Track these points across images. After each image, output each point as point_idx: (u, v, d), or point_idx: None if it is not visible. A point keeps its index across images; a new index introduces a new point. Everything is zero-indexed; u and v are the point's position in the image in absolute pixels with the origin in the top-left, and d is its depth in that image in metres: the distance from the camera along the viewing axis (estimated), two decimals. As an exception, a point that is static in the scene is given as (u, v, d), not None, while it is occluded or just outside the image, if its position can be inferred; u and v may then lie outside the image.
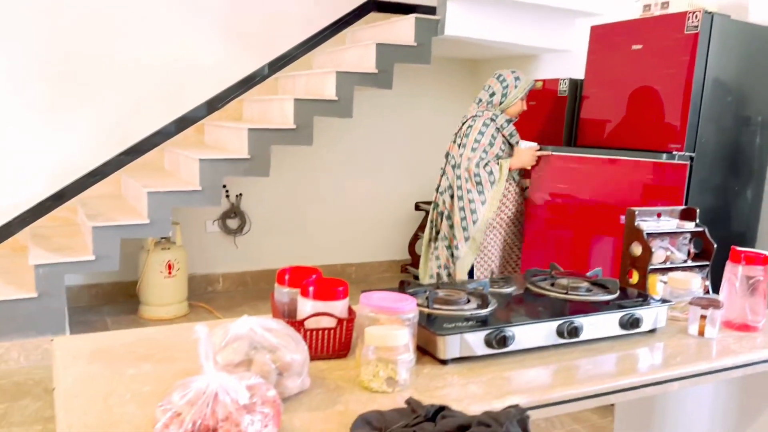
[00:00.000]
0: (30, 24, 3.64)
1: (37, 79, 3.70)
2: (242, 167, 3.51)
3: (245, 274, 4.53)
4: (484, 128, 3.10)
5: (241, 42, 4.23)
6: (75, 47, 3.77)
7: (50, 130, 3.77)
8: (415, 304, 1.24)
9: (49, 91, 3.75)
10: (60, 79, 3.76)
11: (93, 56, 3.82)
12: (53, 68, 3.74)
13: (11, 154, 3.69)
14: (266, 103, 3.96)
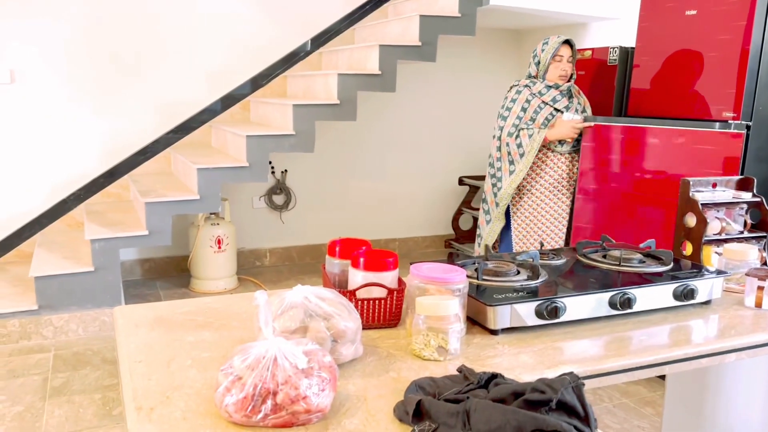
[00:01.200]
0: (82, 6, 3.72)
1: (90, 60, 3.80)
2: (287, 143, 3.54)
3: (291, 249, 4.60)
4: (516, 95, 3.12)
5: (284, 18, 4.24)
6: (124, 28, 3.85)
7: (102, 110, 3.88)
8: (464, 275, 1.24)
9: (101, 72, 3.84)
10: (111, 60, 3.85)
11: (141, 37, 3.89)
12: (104, 50, 3.83)
13: (66, 133, 3.81)
14: (310, 78, 3.98)
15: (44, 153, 3.78)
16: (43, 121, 3.76)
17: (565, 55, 3.02)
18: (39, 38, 3.67)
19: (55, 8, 3.67)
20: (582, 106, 3.15)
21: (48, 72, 3.72)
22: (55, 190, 3.83)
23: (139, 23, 3.88)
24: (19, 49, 3.63)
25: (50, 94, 3.74)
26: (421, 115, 4.78)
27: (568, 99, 3.10)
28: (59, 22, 3.70)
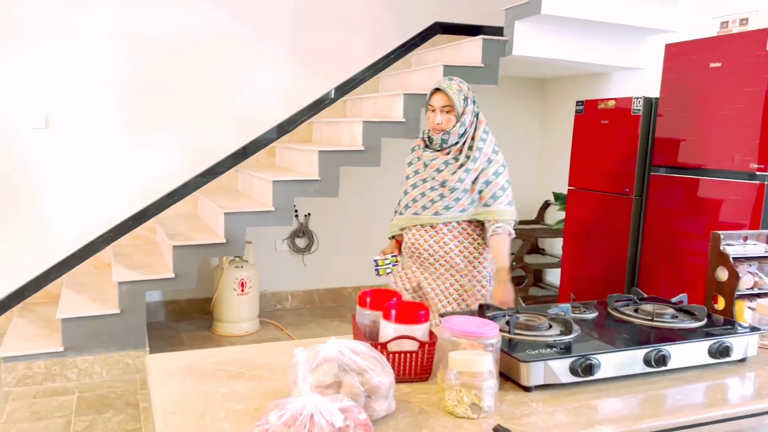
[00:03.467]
0: (114, 53, 3.86)
1: (121, 105, 3.91)
2: (313, 188, 3.59)
3: (313, 292, 4.60)
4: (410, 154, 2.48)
5: (310, 66, 4.35)
6: (155, 75, 3.97)
7: (132, 154, 3.97)
8: (497, 329, 1.24)
9: (132, 117, 3.95)
10: (142, 106, 3.96)
11: (171, 83, 4.01)
12: (135, 95, 3.94)
13: (96, 176, 3.90)
14: (335, 125, 4.05)
15: (75, 195, 3.87)
16: (74, 165, 3.85)
17: (437, 104, 2.26)
18: (73, 85, 3.79)
19: (88, 56, 3.81)
20: (458, 163, 2.28)
21: (81, 117, 3.83)
22: (84, 231, 3.90)
23: (170, 70, 4.00)
24: (54, 95, 3.76)
25: (82, 138, 3.85)
26: (444, 160, 4.82)
27: (446, 154, 2.30)
28: (92, 69, 3.83)
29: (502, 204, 2.27)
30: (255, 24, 4.16)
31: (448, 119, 2.27)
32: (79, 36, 3.76)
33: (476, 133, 2.30)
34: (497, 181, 2.28)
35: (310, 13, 4.30)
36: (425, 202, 2.31)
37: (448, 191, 2.26)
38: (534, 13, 3.51)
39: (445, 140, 2.28)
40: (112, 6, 3.81)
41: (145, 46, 3.92)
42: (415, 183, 2.36)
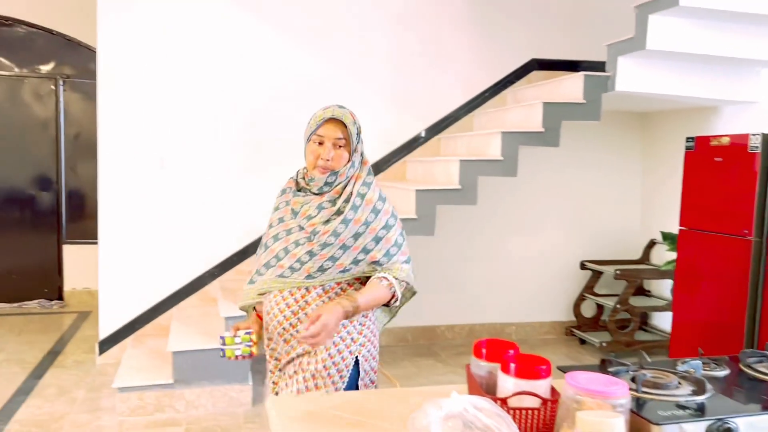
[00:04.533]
0: (228, 97, 4.08)
1: (231, 146, 4.12)
2: (410, 226, 3.61)
3: (406, 329, 4.60)
4: (280, 195, 1.97)
5: (405, 107, 4.41)
6: (264, 118, 4.15)
7: (239, 193, 4.15)
8: (627, 389, 1.18)
9: (240, 158, 4.14)
10: (250, 147, 4.15)
11: (278, 126, 4.18)
12: (245, 137, 4.14)
13: (205, 214, 4.10)
14: (429, 164, 4.08)
15: (185, 232, 4.08)
16: (185, 203, 4.07)
17: (329, 136, 1.78)
18: (186, 128, 4.03)
19: (202, 99, 4.04)
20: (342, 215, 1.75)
21: (193, 158, 4.05)
22: (193, 266, 4.09)
23: (276, 114, 4.17)
24: (169, 137, 4.00)
25: (193, 178, 4.07)
26: (541, 197, 4.73)
27: (330, 202, 1.78)
28: (203, 111, 4.06)
29: (398, 262, 1.80)
30: (355, 68, 4.29)
31: (340, 156, 1.78)
32: (194, 80, 4.01)
33: (359, 173, 1.82)
34: (389, 237, 1.78)
35: (407, 55, 4.39)
36: (291, 261, 1.74)
37: (318, 247, 1.72)
38: (638, 48, 3.42)
39: (330, 183, 1.78)
40: (224, 53, 4.04)
41: (255, 90, 4.12)
42: (277, 234, 1.82)
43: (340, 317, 1.65)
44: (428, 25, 4.40)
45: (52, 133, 5.35)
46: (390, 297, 1.80)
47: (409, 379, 3.87)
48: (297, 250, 1.76)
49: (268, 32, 4.11)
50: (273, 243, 1.82)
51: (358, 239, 1.75)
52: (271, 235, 1.84)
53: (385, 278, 1.77)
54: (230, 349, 1.82)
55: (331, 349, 1.76)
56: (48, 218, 5.37)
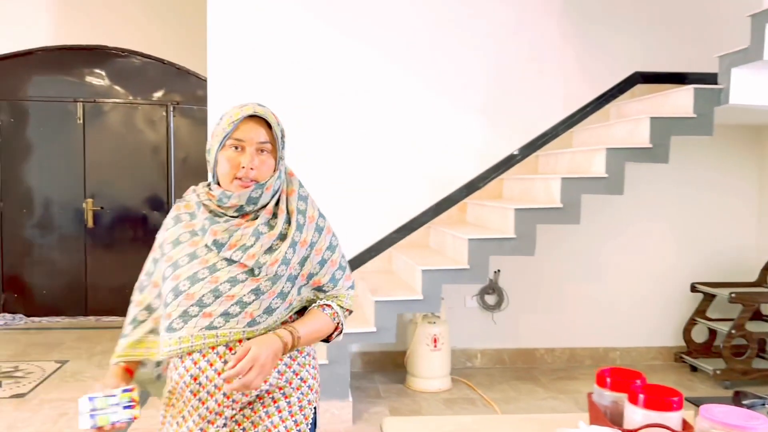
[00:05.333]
0: (326, 114, 4.20)
1: (327, 167, 4.22)
2: (508, 246, 3.55)
3: (503, 351, 4.50)
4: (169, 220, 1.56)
5: (501, 123, 4.37)
6: (358, 136, 4.24)
7: (338, 211, 4.22)
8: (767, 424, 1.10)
9: (334, 176, 4.24)
10: (343, 165, 4.24)
11: (372, 145, 4.25)
12: (339, 155, 4.23)
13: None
14: (528, 181, 4.00)
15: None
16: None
17: (250, 139, 1.43)
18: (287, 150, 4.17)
19: (299, 122, 4.18)
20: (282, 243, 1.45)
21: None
22: (292, 283, 4.21)
23: (370, 132, 4.25)
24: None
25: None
26: (647, 215, 4.52)
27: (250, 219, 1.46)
28: (304, 134, 4.19)
29: (343, 288, 1.55)
30: (450, 85, 4.30)
31: (264, 163, 1.44)
32: (294, 105, 4.16)
33: (291, 187, 1.52)
34: (334, 259, 1.54)
35: (503, 71, 4.35)
36: (226, 306, 1.37)
37: (268, 282, 1.39)
38: (755, 59, 3.22)
39: (255, 199, 1.43)
40: (324, 76, 4.17)
41: (349, 109, 4.22)
42: (194, 275, 1.39)
43: (277, 351, 1.34)
44: (525, 40, 4.35)
45: (163, 157, 5.69)
46: (333, 329, 1.51)
47: (507, 403, 3.78)
48: (235, 290, 1.37)
49: (365, 53, 4.21)
50: (189, 286, 1.38)
51: (305, 265, 1.46)
52: (183, 277, 1.39)
53: (328, 306, 1.49)
54: (103, 416, 1.35)
55: (281, 402, 1.42)
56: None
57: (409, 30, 4.25)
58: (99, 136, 5.60)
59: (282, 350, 1.36)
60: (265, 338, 1.35)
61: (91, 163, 5.58)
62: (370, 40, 4.21)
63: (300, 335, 1.40)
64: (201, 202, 1.49)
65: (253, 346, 1.31)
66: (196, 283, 1.39)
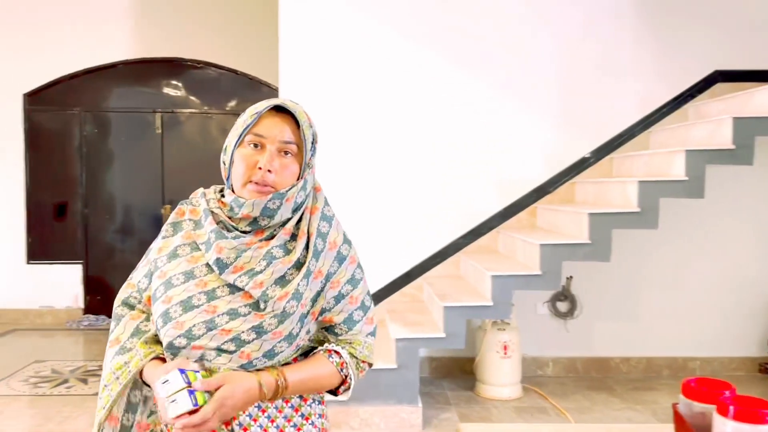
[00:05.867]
0: (399, 123, 4.22)
1: (397, 172, 4.24)
2: (582, 252, 3.46)
3: (576, 360, 4.38)
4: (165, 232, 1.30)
5: (573, 125, 4.27)
6: (427, 140, 4.24)
7: (405, 217, 4.26)
8: None
9: (406, 183, 4.25)
10: (414, 170, 4.25)
11: (441, 149, 4.24)
12: (409, 160, 4.24)
13: (374, 238, 4.25)
14: (602, 185, 3.89)
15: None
16: (352, 228, 4.24)
17: (273, 137, 1.20)
18: (358, 159, 4.22)
19: (370, 129, 4.22)
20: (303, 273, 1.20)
21: (361, 188, 4.23)
22: (361, 288, 4.24)
23: (439, 136, 4.24)
24: (342, 169, 4.22)
25: (361, 207, 4.24)
26: (731, 220, 4.31)
27: (263, 239, 1.21)
28: (375, 141, 4.22)
29: (361, 334, 1.29)
30: (518, 87, 4.25)
31: (286, 168, 1.20)
32: (365, 112, 4.21)
33: (315, 204, 1.26)
34: (355, 295, 1.27)
35: (575, 72, 4.26)
36: (220, 341, 1.13)
37: (274, 320, 1.14)
38: None
39: (272, 211, 1.18)
40: (394, 84, 4.20)
41: (418, 115, 4.23)
42: (188, 301, 1.15)
43: (250, 398, 1.12)
44: (599, 41, 4.25)
45: (236, 163, 5.87)
46: (339, 382, 1.26)
47: (582, 413, 3.68)
48: (233, 324, 1.13)
49: (434, 59, 4.21)
50: (181, 313, 1.14)
51: (317, 300, 1.21)
52: (176, 301, 1.15)
53: (337, 353, 1.24)
54: (200, 393, 1.09)
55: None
56: (232, 241, 5.88)
57: (478, 33, 4.22)
58: (176, 144, 5.84)
59: (256, 398, 1.13)
60: (241, 378, 1.11)
61: (168, 170, 5.82)
62: (439, 47, 4.20)
63: (288, 384, 1.15)
64: (210, 210, 1.22)
65: (227, 385, 1.09)
66: (189, 311, 1.14)
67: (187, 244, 1.22)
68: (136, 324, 1.26)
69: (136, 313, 1.28)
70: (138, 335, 1.24)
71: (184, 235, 1.24)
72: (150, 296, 1.24)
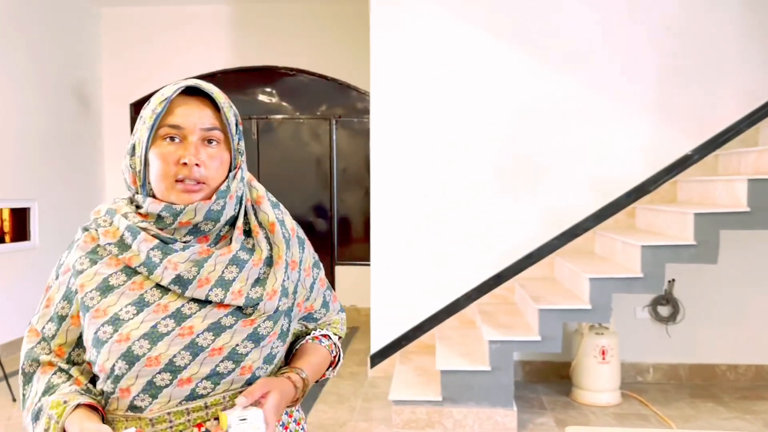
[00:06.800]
0: (486, 121, 4.20)
1: (488, 171, 4.21)
2: (687, 254, 3.31)
3: (678, 366, 4.19)
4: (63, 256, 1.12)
5: (673, 121, 4.09)
6: (519, 141, 4.19)
7: (496, 217, 4.22)
8: None
9: (497, 182, 4.22)
10: (506, 171, 4.20)
11: (533, 149, 4.18)
12: (501, 162, 4.21)
13: (463, 239, 4.24)
14: (708, 183, 3.71)
15: (443, 256, 4.25)
16: (444, 229, 4.25)
17: (192, 125, 1.02)
18: (445, 157, 4.23)
19: (457, 129, 4.21)
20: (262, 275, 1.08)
21: (451, 186, 4.23)
22: (452, 289, 4.24)
23: (531, 136, 4.18)
24: (430, 168, 4.24)
25: (452, 205, 4.23)
26: None
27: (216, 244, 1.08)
28: (461, 140, 4.21)
29: (334, 312, 1.27)
30: (614, 84, 4.12)
31: (214, 158, 1.04)
32: (453, 112, 4.21)
33: (257, 193, 1.13)
34: (322, 277, 1.23)
35: (676, 67, 4.09)
36: (210, 366, 0.99)
37: (269, 322, 1.05)
38: None
39: (218, 213, 1.04)
40: (482, 84, 4.18)
41: (508, 115, 4.19)
42: (153, 331, 0.98)
43: (289, 400, 1.04)
44: (702, 34, 4.05)
45: (326, 167, 6.02)
46: (330, 363, 1.21)
47: (685, 421, 3.51)
48: (223, 341, 1.00)
49: (527, 59, 4.15)
50: (150, 347, 0.97)
51: (298, 291, 1.13)
52: (137, 336, 0.97)
53: (325, 336, 1.21)
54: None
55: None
56: (323, 242, 6.03)
57: (573, 30, 4.13)
58: (270, 150, 6.06)
59: (290, 401, 1.05)
60: (276, 381, 1.02)
61: (264, 175, 6.04)
62: (531, 47, 4.14)
63: (309, 381, 1.10)
64: (136, 225, 1.02)
65: (273, 391, 0.99)
66: (159, 341, 0.97)
67: (119, 272, 1.02)
68: (48, 378, 1.03)
69: (45, 367, 1.05)
70: (49, 392, 1.01)
71: (108, 262, 1.03)
72: (61, 344, 1.05)
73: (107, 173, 6.13)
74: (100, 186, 6.09)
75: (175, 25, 5.93)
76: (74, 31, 5.66)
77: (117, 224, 1.04)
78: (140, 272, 1.01)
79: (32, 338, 1.07)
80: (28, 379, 1.06)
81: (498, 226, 4.23)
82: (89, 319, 1.01)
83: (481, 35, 4.16)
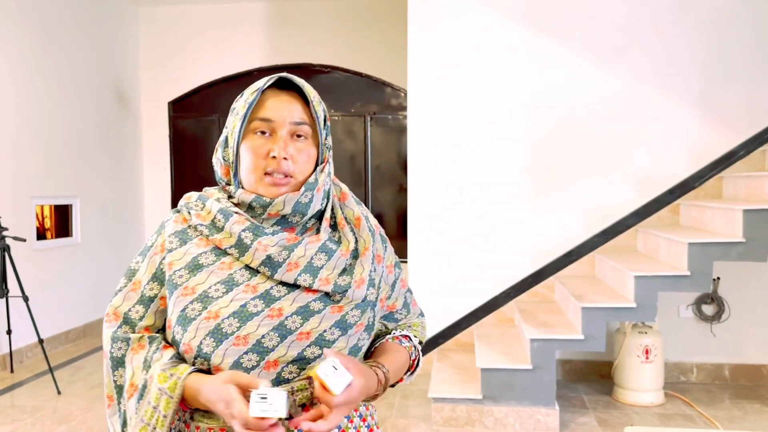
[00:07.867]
0: (521, 119, 4.15)
1: (526, 169, 4.16)
2: (735, 251, 3.23)
3: (723, 366, 4.09)
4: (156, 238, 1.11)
5: (718, 116, 3.99)
6: (556, 138, 4.12)
7: (534, 215, 4.17)
8: None
9: (535, 180, 4.16)
10: (544, 168, 4.15)
11: (572, 145, 4.11)
12: (539, 159, 4.15)
13: (502, 236, 4.20)
14: (756, 179, 3.60)
15: (483, 253, 4.22)
16: (482, 226, 4.21)
17: (281, 119, 1.05)
18: (482, 154, 4.18)
19: (494, 126, 4.17)
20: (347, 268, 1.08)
21: (488, 183, 4.18)
22: (490, 286, 4.20)
23: (569, 133, 4.11)
24: (466, 165, 4.20)
25: (490, 201, 4.19)
26: None
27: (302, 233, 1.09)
28: (498, 138, 4.16)
29: (414, 315, 1.25)
30: (656, 80, 4.03)
31: (302, 152, 1.06)
32: (490, 110, 4.17)
33: (342, 190, 1.15)
34: (403, 278, 1.22)
35: (721, 58, 3.98)
36: (299, 348, 0.99)
37: (356, 311, 1.05)
38: None
39: (305, 206, 1.05)
40: (520, 80, 4.13)
41: (546, 111, 4.13)
42: (243, 309, 0.99)
43: (368, 393, 1.01)
44: (748, 22, 3.94)
45: (360, 164, 6.01)
46: (408, 367, 1.17)
47: (732, 422, 3.43)
48: (311, 324, 0.99)
49: (566, 53, 4.09)
50: (239, 326, 0.97)
51: (381, 287, 1.13)
52: (226, 313, 0.98)
53: (406, 337, 1.18)
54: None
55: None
56: (358, 239, 6.03)
57: (615, 23, 4.05)
58: (305, 146, 6.07)
59: (367, 396, 1.01)
60: (366, 371, 1.00)
61: (298, 171, 6.06)
62: (572, 41, 4.07)
63: (390, 378, 1.07)
64: (227, 209, 1.05)
65: (358, 378, 0.94)
66: (249, 320, 0.97)
67: (208, 252, 1.04)
68: (143, 356, 1.02)
69: (135, 346, 1.04)
70: (149, 368, 1.00)
71: (198, 243, 1.05)
72: (148, 326, 1.05)
73: (146, 171, 6.23)
74: (139, 183, 6.19)
75: (212, 23, 5.98)
76: (113, 30, 5.76)
77: (209, 207, 1.06)
78: (230, 253, 1.03)
79: (113, 322, 1.06)
80: (118, 362, 1.04)
81: (537, 224, 4.17)
82: (177, 296, 1.01)
83: (520, 31, 4.11)
